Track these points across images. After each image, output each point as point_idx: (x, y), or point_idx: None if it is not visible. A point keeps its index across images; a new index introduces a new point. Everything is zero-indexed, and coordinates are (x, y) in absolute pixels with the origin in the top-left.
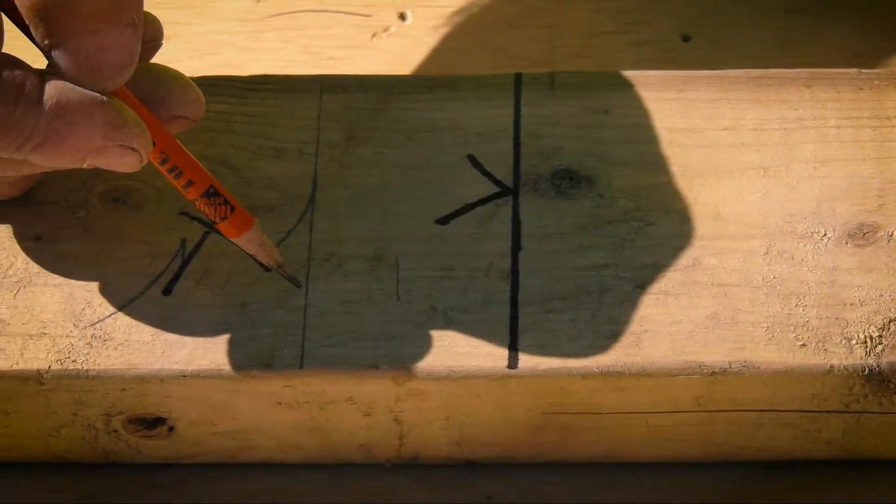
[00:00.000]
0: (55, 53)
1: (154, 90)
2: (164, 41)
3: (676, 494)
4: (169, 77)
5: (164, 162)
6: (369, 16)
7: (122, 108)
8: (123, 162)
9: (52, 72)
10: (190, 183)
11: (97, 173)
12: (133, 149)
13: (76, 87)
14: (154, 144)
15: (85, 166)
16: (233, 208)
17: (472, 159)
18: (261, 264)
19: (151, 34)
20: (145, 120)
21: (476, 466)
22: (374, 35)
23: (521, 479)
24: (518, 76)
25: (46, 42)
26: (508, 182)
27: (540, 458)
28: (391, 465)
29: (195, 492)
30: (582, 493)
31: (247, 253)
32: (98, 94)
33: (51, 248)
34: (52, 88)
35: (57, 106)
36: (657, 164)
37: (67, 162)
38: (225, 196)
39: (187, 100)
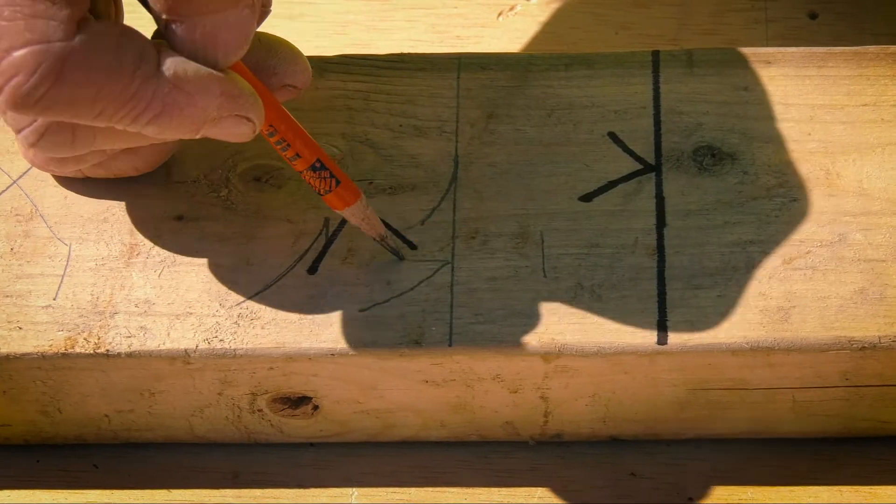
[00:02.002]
0: (174, 28)
1: (265, 59)
2: (291, 21)
3: (820, 470)
4: (279, 46)
5: (272, 134)
6: None
7: (237, 79)
8: (238, 132)
9: (166, 44)
10: (297, 156)
11: (238, 152)
12: (248, 119)
13: (190, 60)
14: None
15: (198, 136)
16: (338, 181)
17: (613, 136)
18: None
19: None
20: (258, 91)
21: (620, 443)
22: (500, 14)
23: (666, 455)
24: (656, 53)
25: (165, 17)
26: (650, 159)
27: (684, 434)
28: (535, 442)
29: (337, 471)
30: (726, 470)
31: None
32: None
33: (193, 227)
34: (170, 61)
35: (175, 77)
36: (799, 140)
37: (183, 132)
38: (331, 169)
39: (296, 69)
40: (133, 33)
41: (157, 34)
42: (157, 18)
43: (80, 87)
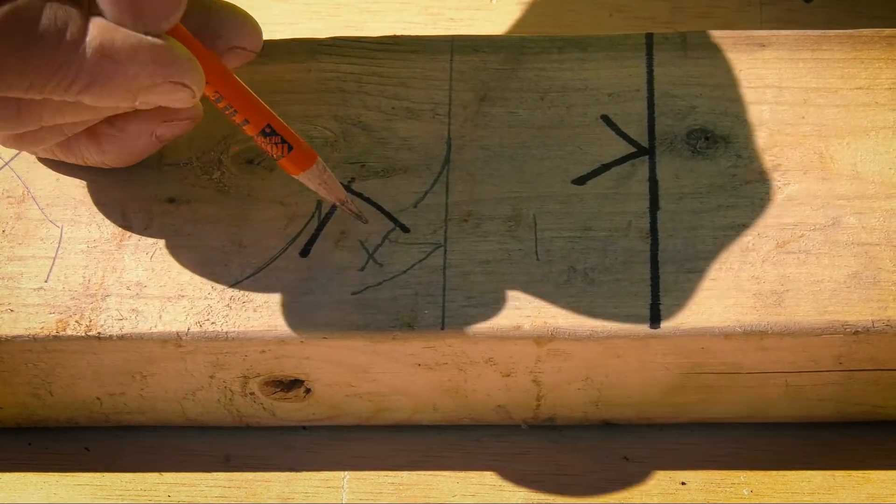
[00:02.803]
0: None
1: (206, 22)
2: (283, 3)
3: (814, 454)
4: (222, 8)
5: (219, 100)
6: None
7: (173, 45)
8: (175, 98)
9: (96, 12)
10: (246, 121)
11: (231, 134)
12: (184, 84)
13: (120, 27)
14: (207, 83)
15: (137, 105)
16: (290, 147)
17: (606, 119)
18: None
19: None
20: (199, 56)
21: (613, 427)
22: None
23: (658, 439)
24: (649, 36)
25: None
26: (643, 142)
27: (677, 418)
28: (527, 425)
29: (329, 454)
30: (719, 454)
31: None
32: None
33: (185, 209)
34: (96, 28)
35: (101, 46)
36: (793, 123)
37: (118, 101)
38: (283, 135)
39: (244, 31)
40: (57, 3)
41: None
42: None
43: (4, 60)
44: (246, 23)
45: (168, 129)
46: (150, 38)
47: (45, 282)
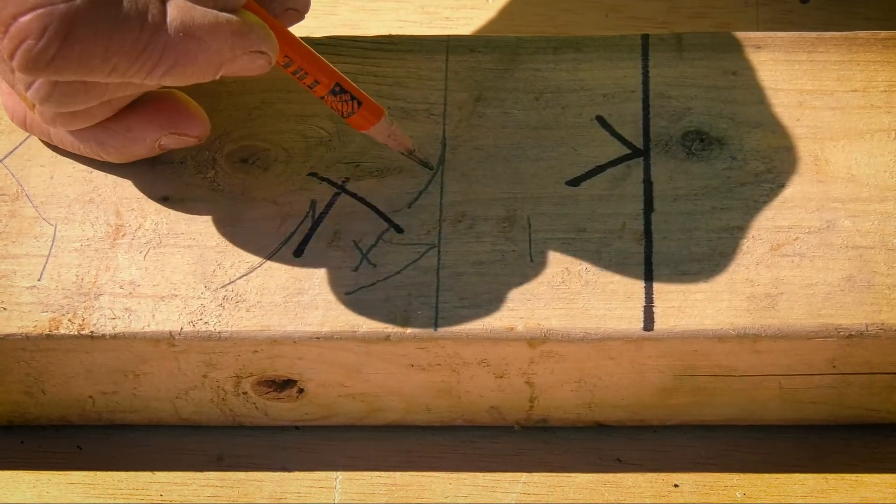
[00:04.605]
0: None
1: None
2: None
3: (807, 457)
4: None
5: (288, 65)
6: None
7: (245, 15)
8: (254, 66)
9: None
10: (316, 82)
11: (225, 133)
12: (262, 52)
13: (196, 5)
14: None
15: (217, 77)
16: (360, 102)
17: (601, 120)
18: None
19: None
20: (267, 23)
21: (606, 429)
22: None
23: (651, 441)
24: (645, 37)
25: None
26: (638, 143)
27: (670, 420)
28: (520, 427)
29: (322, 454)
30: (712, 456)
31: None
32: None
33: (179, 208)
34: (175, 9)
35: (182, 26)
36: (788, 125)
37: (201, 77)
38: (352, 91)
39: None
40: None
41: None
42: None
43: (88, 45)
44: None
45: (173, 140)
46: (225, 13)
47: (39, 280)
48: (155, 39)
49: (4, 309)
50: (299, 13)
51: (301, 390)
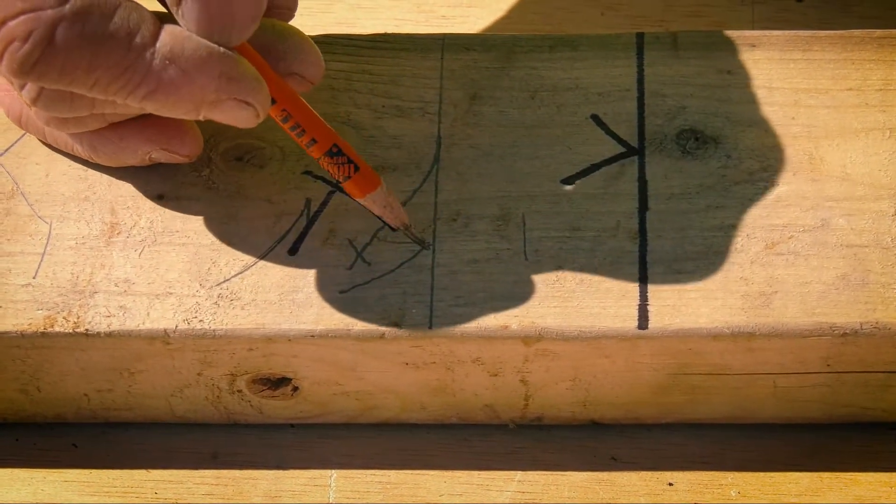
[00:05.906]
0: (180, 3)
1: (275, 44)
2: None
3: (801, 455)
4: (292, 34)
5: (285, 120)
6: None
7: (240, 62)
8: (239, 116)
9: (173, 20)
10: (313, 141)
11: (219, 131)
12: (249, 103)
13: (194, 36)
14: (275, 102)
15: (200, 118)
16: (357, 168)
17: (596, 119)
18: (388, 225)
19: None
20: (266, 76)
21: (600, 427)
22: None
23: (646, 440)
24: (640, 35)
25: None
26: (633, 142)
27: (665, 418)
28: (515, 425)
29: (316, 452)
30: (707, 455)
31: (373, 214)
32: (215, 46)
33: (174, 206)
34: (169, 35)
35: (171, 53)
36: (783, 124)
37: (181, 112)
38: (349, 155)
39: (307, 59)
40: (132, 4)
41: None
42: None
43: (72, 54)
44: (312, 52)
45: (163, 156)
46: (221, 49)
47: (34, 278)
48: (139, 61)
49: None
50: (306, 81)
51: (296, 388)
